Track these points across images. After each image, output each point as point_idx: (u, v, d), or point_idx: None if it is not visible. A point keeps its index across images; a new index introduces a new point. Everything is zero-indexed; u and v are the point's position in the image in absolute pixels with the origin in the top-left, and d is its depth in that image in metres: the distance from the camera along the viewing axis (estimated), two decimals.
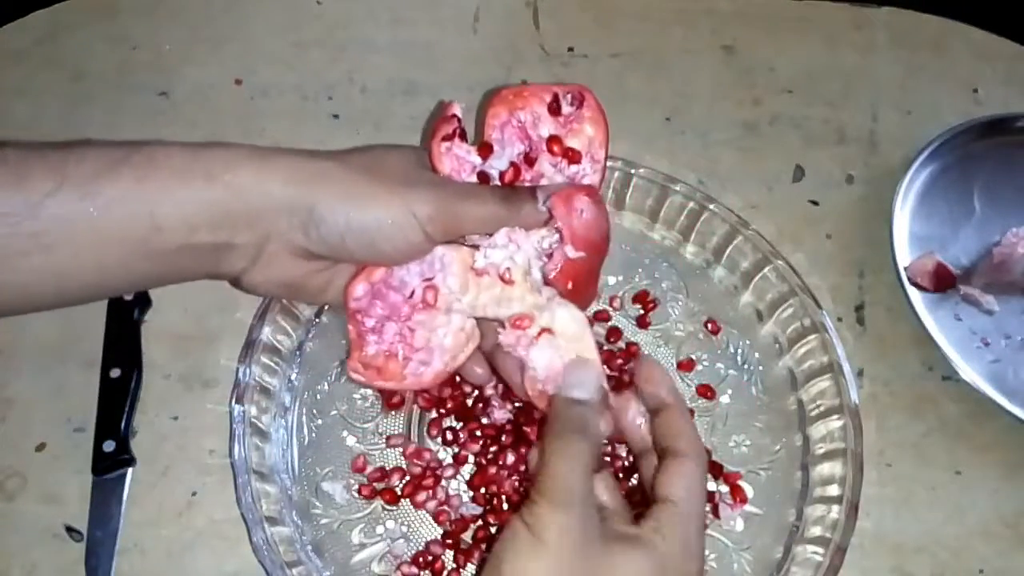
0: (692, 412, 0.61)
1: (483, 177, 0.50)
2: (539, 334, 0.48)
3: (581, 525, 0.41)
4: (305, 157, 0.47)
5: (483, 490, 0.57)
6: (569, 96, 0.51)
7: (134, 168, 0.43)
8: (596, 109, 0.52)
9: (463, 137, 0.50)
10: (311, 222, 0.45)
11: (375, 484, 0.58)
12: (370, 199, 0.46)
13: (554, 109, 0.51)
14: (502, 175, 0.50)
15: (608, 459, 0.59)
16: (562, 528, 0.40)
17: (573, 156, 0.51)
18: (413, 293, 0.50)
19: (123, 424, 0.60)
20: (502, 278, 0.49)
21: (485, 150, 0.50)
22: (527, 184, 0.50)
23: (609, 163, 0.65)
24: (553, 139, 0.50)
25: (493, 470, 0.57)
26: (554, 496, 0.41)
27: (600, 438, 0.46)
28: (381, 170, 0.47)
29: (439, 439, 0.59)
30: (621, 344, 0.64)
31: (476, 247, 0.49)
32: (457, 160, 0.50)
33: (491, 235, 0.49)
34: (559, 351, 0.48)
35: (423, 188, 0.47)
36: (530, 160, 0.50)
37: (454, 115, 0.51)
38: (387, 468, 0.58)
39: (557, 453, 0.42)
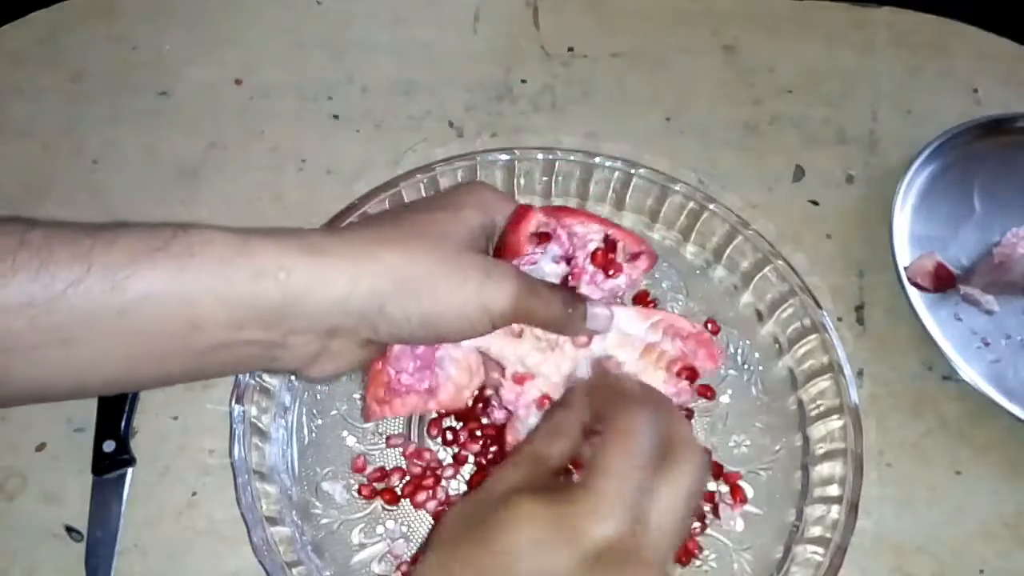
0: (691, 412, 0.61)
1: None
2: (540, 401, 0.50)
3: (510, 476, 0.40)
4: (364, 243, 0.43)
5: None
6: (625, 247, 0.52)
7: (171, 258, 0.39)
8: (650, 256, 0.52)
9: (545, 239, 0.50)
10: (382, 320, 0.43)
11: (375, 484, 0.58)
12: (445, 297, 0.43)
13: (610, 248, 0.51)
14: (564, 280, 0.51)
15: None
16: (495, 479, 0.41)
17: (613, 268, 0.51)
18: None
19: (123, 424, 0.60)
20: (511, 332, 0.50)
21: (525, 211, 0.50)
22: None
23: (609, 163, 0.65)
24: (599, 252, 0.51)
25: (493, 470, 0.57)
26: (510, 454, 0.42)
27: (573, 411, 0.45)
28: (452, 257, 0.44)
29: (439, 439, 0.59)
30: None
31: None
32: (532, 259, 0.50)
33: None
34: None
35: (498, 282, 0.45)
36: (567, 259, 0.51)
37: (538, 213, 0.50)
38: (387, 468, 0.58)
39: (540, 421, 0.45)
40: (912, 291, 0.66)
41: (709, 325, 0.64)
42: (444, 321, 0.44)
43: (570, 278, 0.51)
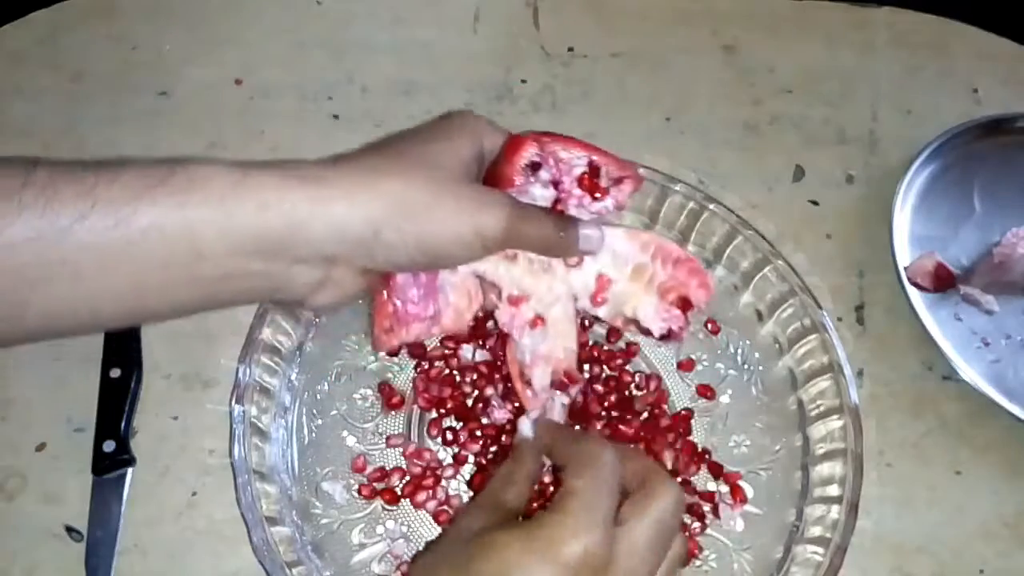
0: (691, 412, 0.61)
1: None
2: (533, 321, 0.52)
3: (475, 520, 0.43)
4: (361, 172, 0.45)
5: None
6: (608, 172, 0.52)
7: (172, 192, 0.40)
8: (634, 178, 0.52)
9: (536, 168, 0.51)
10: (378, 245, 0.44)
11: (375, 484, 0.58)
12: (438, 220, 0.45)
13: (593, 172, 0.51)
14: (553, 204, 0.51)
15: None
16: (458, 525, 0.44)
17: (599, 192, 0.51)
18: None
19: (123, 424, 0.60)
20: (506, 255, 0.51)
21: (519, 142, 0.50)
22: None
23: None
24: (590, 170, 0.51)
25: (493, 470, 0.57)
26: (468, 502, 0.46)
27: (529, 460, 0.49)
28: (447, 183, 0.46)
29: (439, 439, 0.59)
30: (621, 344, 0.64)
31: None
32: (522, 187, 0.50)
33: None
34: (545, 341, 0.52)
35: (490, 208, 0.46)
36: (555, 183, 0.51)
37: (532, 144, 0.50)
38: (387, 468, 0.58)
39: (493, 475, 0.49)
40: (912, 291, 0.66)
41: (709, 325, 0.64)
42: (439, 245, 0.45)
43: (558, 203, 0.51)
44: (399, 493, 0.57)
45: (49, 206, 0.39)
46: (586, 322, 0.62)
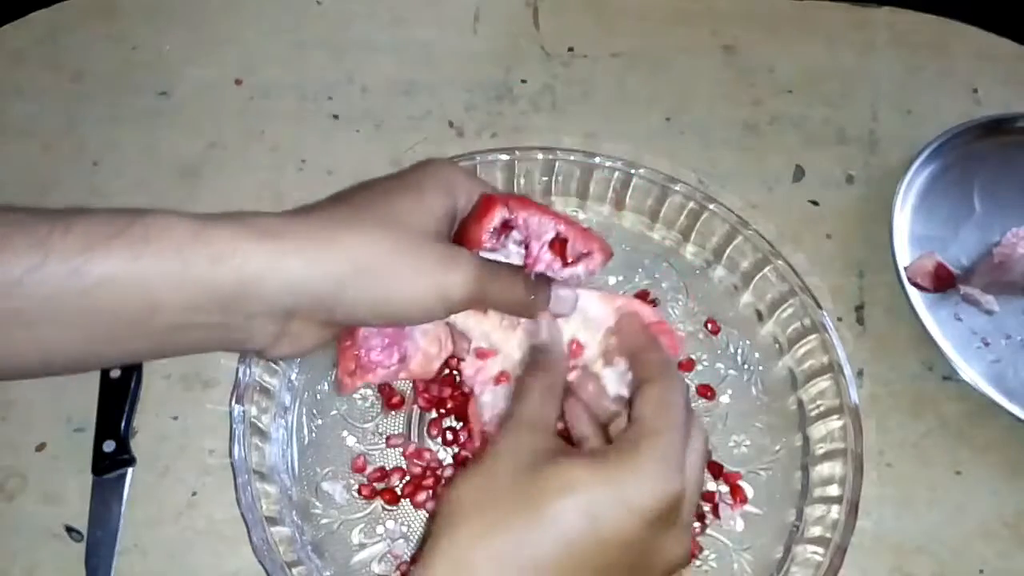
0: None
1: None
2: (498, 378, 0.51)
3: (525, 443, 0.41)
4: (322, 226, 0.43)
5: None
6: (577, 250, 0.52)
7: (128, 243, 0.39)
8: (603, 250, 0.52)
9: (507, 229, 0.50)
10: (339, 304, 0.43)
11: (375, 484, 0.58)
12: (398, 281, 0.44)
13: (562, 243, 0.51)
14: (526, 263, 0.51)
15: None
16: (501, 449, 0.41)
17: (572, 262, 0.51)
18: None
19: (123, 424, 0.60)
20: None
21: (491, 203, 0.50)
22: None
23: (609, 163, 0.65)
24: (558, 241, 0.51)
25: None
26: (504, 423, 0.43)
27: (555, 367, 0.47)
28: (411, 243, 0.44)
29: (439, 439, 0.59)
30: None
31: None
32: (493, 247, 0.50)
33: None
34: (507, 399, 0.50)
35: (456, 269, 0.45)
36: (525, 245, 0.51)
37: (503, 208, 0.50)
38: (387, 468, 0.58)
39: (518, 387, 0.46)
40: (912, 291, 0.66)
41: (709, 325, 0.64)
42: (399, 307, 0.45)
43: (526, 266, 0.51)
44: (399, 493, 0.57)
45: (1, 255, 0.38)
46: None
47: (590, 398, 0.50)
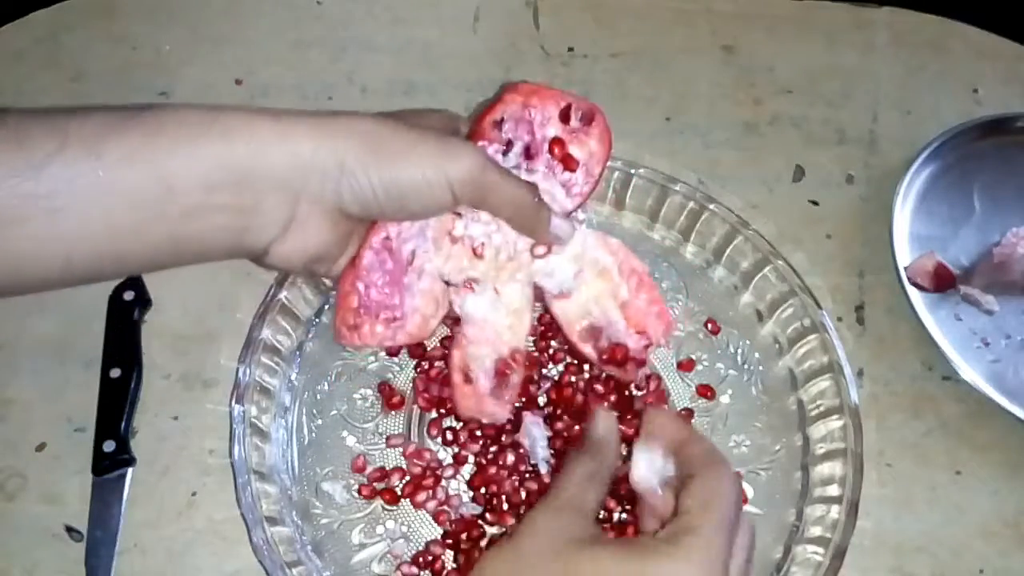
0: (691, 412, 0.61)
1: None
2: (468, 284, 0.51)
3: (560, 525, 0.41)
4: (329, 114, 0.45)
5: (483, 490, 0.57)
6: (580, 112, 0.52)
7: (143, 126, 0.41)
8: (603, 128, 0.52)
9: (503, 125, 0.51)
10: (343, 178, 0.43)
11: (375, 484, 0.58)
12: (403, 155, 0.44)
13: (564, 116, 0.51)
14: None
15: None
16: (538, 528, 0.41)
17: (570, 163, 0.51)
18: (400, 254, 0.51)
19: (123, 424, 0.60)
20: (474, 250, 0.50)
21: (495, 127, 0.50)
22: None
23: (609, 163, 0.65)
24: (556, 141, 0.51)
25: (493, 470, 0.57)
26: (541, 501, 0.42)
27: (610, 458, 0.46)
28: (415, 127, 0.45)
29: (439, 439, 0.59)
30: None
31: (459, 215, 0.50)
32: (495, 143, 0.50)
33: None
34: (496, 311, 0.51)
35: (461, 151, 0.45)
36: (530, 155, 0.51)
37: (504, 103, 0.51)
38: (387, 468, 0.58)
39: (564, 469, 0.45)
40: (912, 291, 0.66)
41: (709, 325, 0.64)
42: (408, 186, 0.44)
43: (527, 162, 0.51)
44: (399, 493, 0.57)
45: (22, 144, 0.39)
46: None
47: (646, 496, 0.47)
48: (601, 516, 0.55)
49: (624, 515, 0.55)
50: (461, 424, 0.59)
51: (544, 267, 0.52)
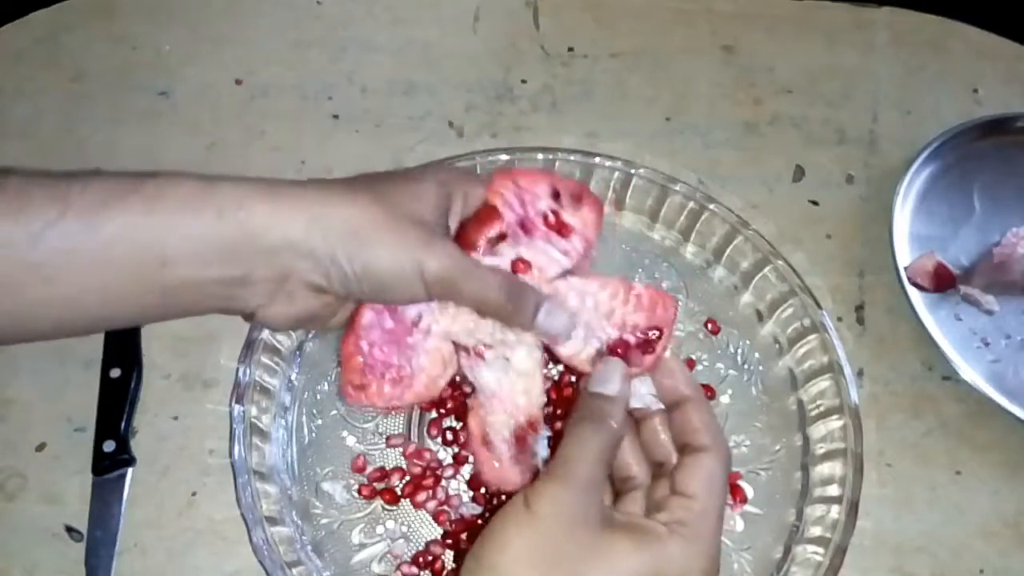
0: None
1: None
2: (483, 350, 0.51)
3: (579, 505, 0.41)
4: (321, 194, 0.45)
5: (483, 490, 0.57)
6: (570, 191, 0.52)
7: (142, 199, 0.42)
8: (594, 199, 0.52)
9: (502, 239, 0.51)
10: (332, 268, 0.45)
11: (375, 484, 0.58)
12: (386, 252, 0.45)
13: (555, 195, 0.51)
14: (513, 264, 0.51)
15: None
16: (556, 503, 0.41)
17: (565, 230, 0.51)
18: (402, 315, 0.51)
19: (123, 424, 0.60)
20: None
21: (493, 213, 0.50)
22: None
23: (609, 163, 0.65)
24: (552, 212, 0.51)
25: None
26: (556, 473, 0.42)
27: (618, 431, 0.45)
28: (399, 219, 0.46)
29: (439, 439, 0.59)
30: None
31: None
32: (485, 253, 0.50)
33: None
34: (508, 378, 0.50)
35: (437, 251, 0.46)
36: (526, 229, 0.51)
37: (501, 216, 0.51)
38: (387, 468, 0.58)
39: (569, 437, 0.43)
40: (912, 291, 0.66)
41: (709, 325, 0.64)
42: (383, 275, 0.46)
43: (525, 237, 0.51)
44: (399, 493, 0.57)
45: (22, 211, 0.40)
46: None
47: (650, 437, 0.48)
48: None
49: None
50: (461, 424, 0.59)
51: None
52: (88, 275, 0.41)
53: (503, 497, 0.57)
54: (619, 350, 0.50)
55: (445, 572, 0.55)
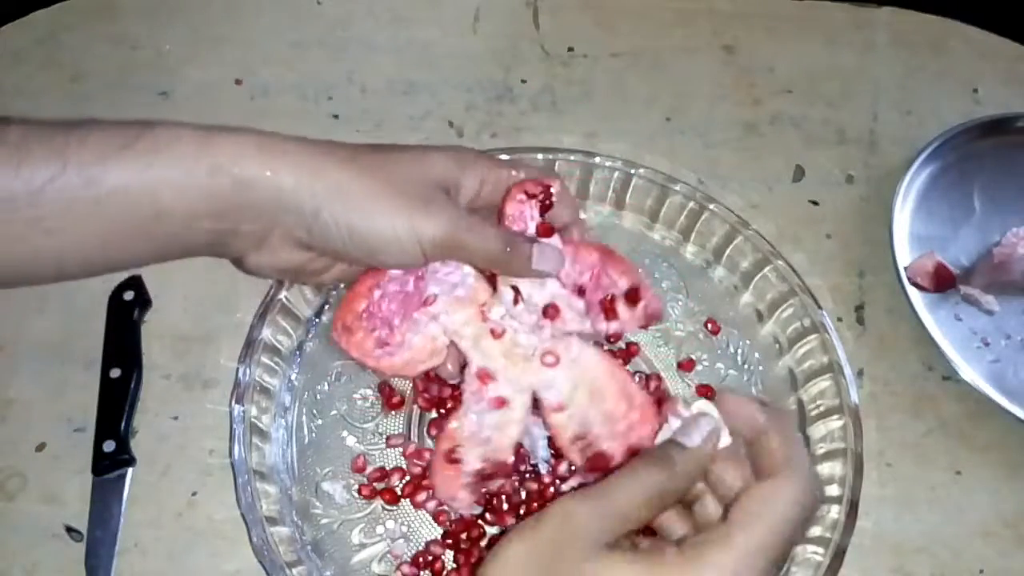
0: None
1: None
2: (498, 401, 0.51)
3: (592, 524, 0.37)
4: (316, 152, 0.46)
5: (483, 490, 0.57)
6: (649, 307, 0.54)
7: (139, 155, 0.42)
8: (645, 316, 0.54)
9: (545, 209, 0.52)
10: (316, 224, 0.46)
11: (375, 484, 0.58)
12: (377, 212, 0.46)
13: (633, 297, 0.54)
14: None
15: None
16: (568, 514, 0.37)
17: (611, 315, 0.53)
18: (423, 288, 0.51)
19: (123, 424, 0.60)
20: (494, 331, 0.51)
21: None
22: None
23: (609, 163, 0.65)
24: (615, 299, 0.53)
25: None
26: (587, 492, 0.37)
27: (683, 481, 0.40)
28: (393, 181, 0.47)
29: None
30: (621, 344, 0.63)
31: (506, 288, 0.51)
32: (517, 217, 0.52)
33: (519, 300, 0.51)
34: (496, 424, 0.51)
35: (433, 211, 0.46)
36: (581, 290, 0.53)
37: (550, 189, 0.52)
38: (387, 468, 0.58)
39: (623, 469, 0.39)
40: (912, 291, 0.66)
41: (709, 325, 0.64)
42: (374, 238, 0.46)
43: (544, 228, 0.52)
44: (399, 493, 0.57)
45: (22, 165, 0.40)
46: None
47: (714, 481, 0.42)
48: None
49: None
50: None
51: (546, 379, 0.51)
52: (86, 226, 0.42)
53: (503, 497, 0.57)
54: (611, 306, 0.52)
55: (445, 572, 0.55)
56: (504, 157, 0.64)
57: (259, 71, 0.77)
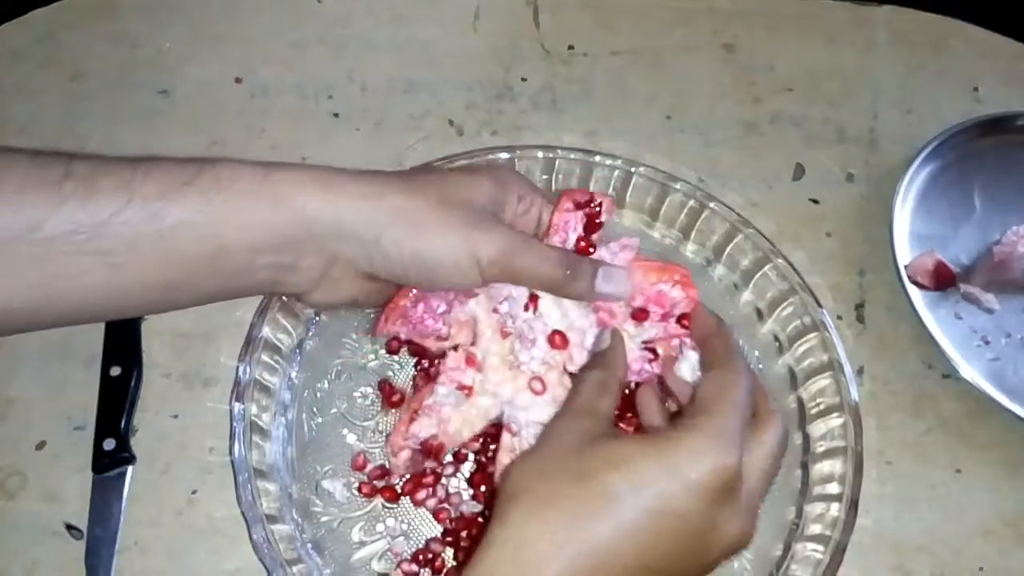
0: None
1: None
2: (462, 387, 0.52)
3: (579, 428, 0.43)
4: (371, 181, 0.47)
5: (483, 488, 0.57)
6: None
7: (201, 191, 0.43)
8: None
9: (592, 228, 0.53)
10: (377, 252, 0.46)
11: (375, 482, 0.58)
12: (435, 233, 0.46)
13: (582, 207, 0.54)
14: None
15: None
16: (555, 432, 0.43)
17: (582, 248, 0.53)
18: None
19: (123, 422, 0.60)
20: (503, 330, 0.52)
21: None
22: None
23: (609, 161, 0.65)
24: (581, 239, 0.54)
25: (493, 468, 0.57)
26: (558, 411, 0.46)
27: (615, 368, 0.48)
28: (450, 204, 0.47)
29: None
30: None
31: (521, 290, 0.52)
32: (561, 227, 0.53)
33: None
34: (452, 406, 0.52)
35: (490, 232, 0.47)
36: (637, 316, 0.53)
37: (600, 207, 0.54)
38: (387, 466, 0.58)
39: (575, 381, 0.47)
40: (912, 289, 0.66)
41: None
42: (433, 260, 0.47)
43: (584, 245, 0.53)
44: (399, 491, 0.57)
45: (89, 198, 0.41)
46: None
47: (673, 384, 0.51)
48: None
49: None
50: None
51: (523, 401, 0.51)
52: (150, 261, 0.43)
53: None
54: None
55: (445, 570, 0.55)
56: (505, 155, 0.64)
57: (259, 69, 0.77)
